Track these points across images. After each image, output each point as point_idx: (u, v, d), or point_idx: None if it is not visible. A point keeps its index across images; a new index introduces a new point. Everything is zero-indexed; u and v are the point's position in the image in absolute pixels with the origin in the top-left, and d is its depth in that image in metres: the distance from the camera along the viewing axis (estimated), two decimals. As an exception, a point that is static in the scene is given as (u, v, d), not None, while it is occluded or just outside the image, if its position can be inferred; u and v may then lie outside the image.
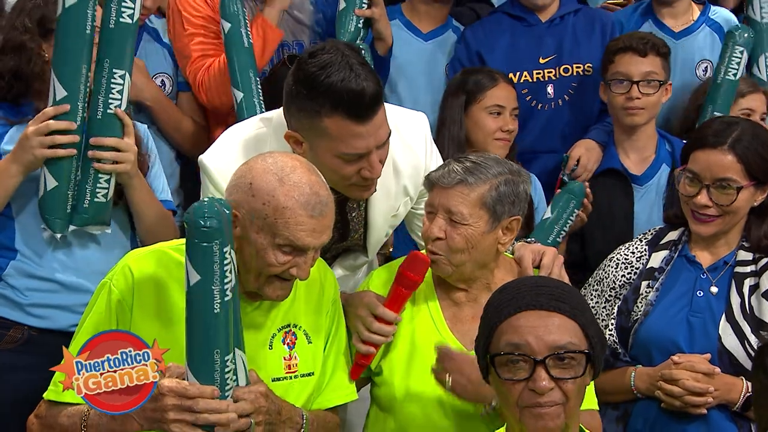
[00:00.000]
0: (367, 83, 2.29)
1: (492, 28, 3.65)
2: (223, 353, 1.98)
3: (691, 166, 2.63)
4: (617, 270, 2.73)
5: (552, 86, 3.57)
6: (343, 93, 2.28)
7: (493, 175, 2.40)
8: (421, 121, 2.67)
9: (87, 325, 2.20)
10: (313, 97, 2.30)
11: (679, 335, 2.60)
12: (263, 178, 2.14)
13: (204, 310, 1.95)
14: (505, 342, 1.89)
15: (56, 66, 2.63)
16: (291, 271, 2.16)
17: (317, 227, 2.14)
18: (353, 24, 3.41)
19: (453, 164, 2.42)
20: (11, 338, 2.77)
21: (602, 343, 1.96)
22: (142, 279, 2.20)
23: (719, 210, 2.60)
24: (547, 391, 1.85)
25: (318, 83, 2.29)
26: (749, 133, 2.63)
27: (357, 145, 2.33)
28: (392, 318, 2.41)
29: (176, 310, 2.18)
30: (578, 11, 3.67)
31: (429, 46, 3.70)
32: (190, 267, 1.95)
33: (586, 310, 1.96)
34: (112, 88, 2.64)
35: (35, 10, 2.79)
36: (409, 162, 2.59)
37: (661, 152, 3.35)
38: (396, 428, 2.45)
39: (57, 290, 2.78)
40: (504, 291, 1.99)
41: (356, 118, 2.30)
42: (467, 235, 2.38)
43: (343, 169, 2.37)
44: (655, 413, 2.59)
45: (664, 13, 3.69)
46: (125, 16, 2.62)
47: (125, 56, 2.65)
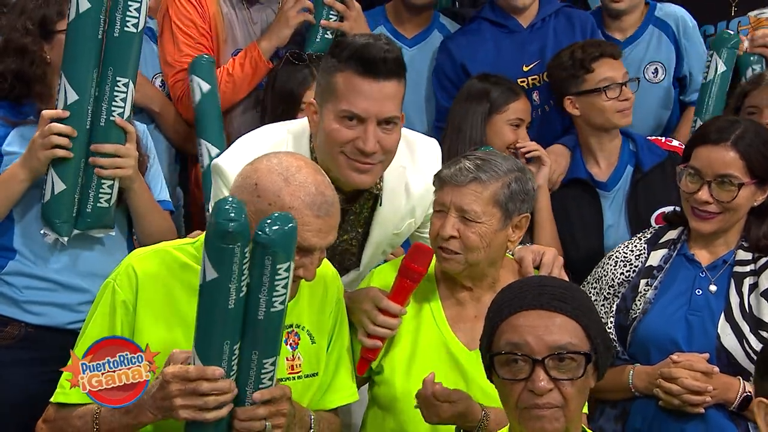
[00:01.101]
0: (388, 48, 2.42)
1: (473, 38, 3.63)
2: (232, 344, 2.00)
3: (693, 162, 2.64)
4: (616, 268, 2.74)
5: (537, 92, 3.57)
6: (362, 48, 2.41)
7: (504, 172, 2.41)
8: (435, 148, 2.72)
9: (92, 327, 2.22)
10: (336, 54, 2.44)
11: (678, 334, 2.60)
12: (268, 179, 2.14)
13: (218, 305, 1.97)
14: (505, 341, 1.88)
15: (67, 70, 2.65)
16: (297, 272, 2.14)
17: (323, 227, 2.14)
18: (320, 35, 3.39)
19: (463, 161, 2.42)
20: (8, 335, 2.78)
21: (607, 345, 1.94)
22: (146, 279, 2.21)
23: (720, 207, 2.61)
24: (546, 392, 1.84)
25: (345, 42, 2.47)
26: (752, 132, 2.65)
27: (359, 104, 2.40)
28: (397, 310, 2.41)
29: (179, 309, 2.20)
30: (558, 12, 3.65)
31: (414, 52, 3.66)
32: (207, 263, 1.95)
33: (591, 311, 1.95)
34: (116, 95, 2.66)
35: (36, 11, 2.78)
36: (421, 185, 2.62)
37: (625, 154, 3.37)
38: (395, 428, 2.45)
39: (55, 289, 2.79)
40: (507, 290, 1.98)
41: (365, 74, 2.39)
42: (481, 233, 2.39)
43: (339, 133, 2.42)
44: (654, 412, 2.59)
45: (611, 28, 3.69)
46: (130, 26, 2.63)
47: (129, 64, 2.67)
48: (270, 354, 2.03)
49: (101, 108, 2.66)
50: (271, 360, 2.04)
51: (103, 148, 2.67)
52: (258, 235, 1.94)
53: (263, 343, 2.02)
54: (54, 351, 2.56)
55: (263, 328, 2.00)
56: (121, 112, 2.67)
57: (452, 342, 2.45)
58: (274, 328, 2.02)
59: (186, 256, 2.25)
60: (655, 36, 3.69)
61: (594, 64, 3.32)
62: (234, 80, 3.37)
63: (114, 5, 2.62)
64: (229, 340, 1.99)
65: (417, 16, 3.70)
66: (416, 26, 3.71)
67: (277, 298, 1.98)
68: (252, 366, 2.03)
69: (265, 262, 1.95)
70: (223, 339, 1.99)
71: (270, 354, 2.03)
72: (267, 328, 2.01)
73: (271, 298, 1.98)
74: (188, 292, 2.18)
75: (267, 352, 2.03)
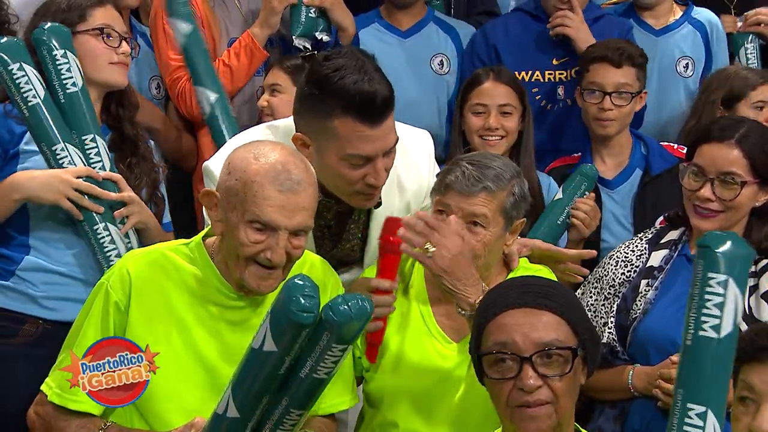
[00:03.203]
0: (380, 87, 2.32)
1: (511, 26, 3.70)
2: (270, 396, 2.00)
3: (697, 159, 2.64)
4: (617, 268, 2.74)
5: (562, 87, 3.60)
6: (356, 94, 2.30)
7: (508, 179, 2.43)
8: (426, 140, 2.70)
9: (87, 328, 2.24)
10: (325, 99, 2.33)
11: (678, 335, 2.54)
12: (240, 156, 2.17)
13: (268, 372, 1.96)
14: (493, 341, 1.90)
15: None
16: (265, 254, 2.14)
17: (287, 204, 2.12)
18: (304, 15, 3.42)
19: (467, 166, 2.41)
20: (26, 332, 2.82)
21: (594, 340, 1.96)
22: (139, 280, 2.23)
23: (722, 205, 2.61)
24: (535, 390, 1.86)
25: (331, 84, 2.31)
26: (757, 131, 2.65)
27: (365, 148, 2.35)
28: (388, 286, 2.40)
29: (173, 311, 2.23)
30: (598, 19, 3.69)
31: (410, 44, 3.71)
32: (268, 335, 1.91)
33: (577, 307, 1.97)
34: (89, 153, 2.76)
35: (58, 13, 2.85)
36: (414, 180, 2.62)
37: (635, 157, 3.37)
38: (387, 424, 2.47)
39: (70, 284, 2.83)
40: (493, 291, 2.01)
41: (366, 121, 2.32)
42: (486, 241, 2.40)
43: (348, 174, 2.38)
44: (652, 412, 2.60)
45: (645, 15, 3.70)
46: (70, 86, 2.74)
47: (85, 120, 2.76)
48: (300, 406, 2.02)
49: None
50: (298, 411, 2.03)
51: (109, 196, 2.74)
52: (326, 312, 1.89)
53: (297, 394, 2.01)
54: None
55: (301, 384, 1.99)
56: (101, 166, 2.77)
57: (441, 339, 2.47)
58: (312, 389, 2.01)
59: (180, 257, 2.26)
60: (690, 33, 3.75)
61: (591, 66, 3.33)
62: (231, 70, 3.43)
63: (49, 76, 2.72)
64: (268, 394, 2.00)
65: (409, 11, 3.73)
66: (411, 18, 3.75)
67: (323, 369, 1.96)
68: (278, 408, 2.02)
69: (323, 336, 1.92)
70: (264, 394, 1.99)
71: (300, 406, 2.02)
72: (305, 385, 1.99)
73: (317, 365, 1.95)
74: (182, 293, 2.21)
75: (297, 403, 2.02)
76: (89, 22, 2.86)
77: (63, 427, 2.23)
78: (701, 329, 1.83)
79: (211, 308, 2.26)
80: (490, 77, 3.32)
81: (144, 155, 2.93)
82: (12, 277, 2.82)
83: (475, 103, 3.31)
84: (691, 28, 3.76)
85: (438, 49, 3.75)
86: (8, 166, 2.80)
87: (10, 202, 2.75)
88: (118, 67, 2.89)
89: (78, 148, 2.74)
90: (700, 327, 1.84)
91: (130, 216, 2.79)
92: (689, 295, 1.86)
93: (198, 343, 2.24)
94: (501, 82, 3.31)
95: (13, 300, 2.82)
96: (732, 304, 1.85)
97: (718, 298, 1.83)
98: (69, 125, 2.74)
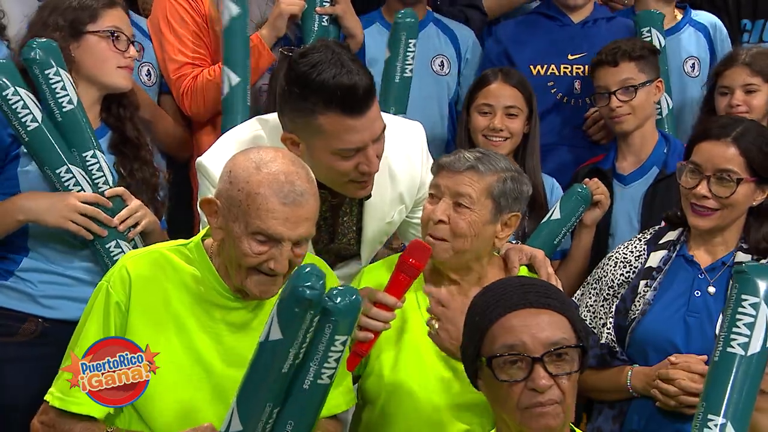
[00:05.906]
0: (359, 77, 2.32)
1: (523, 27, 3.76)
2: (273, 407, 2.00)
3: (694, 157, 2.66)
4: (616, 268, 2.75)
5: (579, 81, 3.64)
6: (336, 89, 2.30)
7: (501, 168, 2.46)
8: (418, 131, 2.71)
9: (88, 329, 2.24)
10: (307, 96, 2.33)
11: (676, 335, 2.61)
12: (242, 166, 2.16)
13: (273, 367, 1.95)
14: (501, 344, 1.90)
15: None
16: (269, 264, 2.15)
17: (291, 217, 2.12)
18: (316, 23, 3.41)
19: (464, 152, 2.48)
20: (26, 331, 2.82)
21: (588, 337, 1.98)
22: (139, 280, 2.23)
23: (718, 203, 2.62)
24: (547, 389, 1.86)
25: (310, 81, 2.32)
26: (754, 130, 2.67)
27: (353, 140, 2.36)
28: (392, 303, 2.40)
29: (173, 310, 2.23)
30: (611, 19, 3.74)
31: None
32: (275, 323, 1.92)
33: (572, 305, 1.99)
34: (91, 170, 2.76)
35: (69, 11, 2.83)
36: (406, 170, 2.62)
37: (655, 155, 3.38)
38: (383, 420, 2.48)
39: (70, 284, 2.83)
40: (488, 293, 2.00)
41: (350, 113, 2.33)
42: (471, 221, 2.42)
43: (341, 166, 2.40)
44: (651, 412, 2.60)
45: None
46: (66, 104, 2.72)
47: (84, 136, 2.75)
48: (304, 429, 2.02)
49: (89, 187, 2.75)
50: (277, 411, 2.02)
51: (112, 222, 2.75)
52: (325, 301, 1.91)
53: (300, 414, 2.01)
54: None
55: (305, 400, 1.99)
56: (105, 180, 2.77)
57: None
58: (315, 403, 2.01)
59: (179, 258, 2.27)
60: (693, 34, 3.77)
61: (594, 72, 3.40)
62: None
63: (44, 96, 2.70)
64: (272, 402, 1.99)
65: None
66: None
67: (326, 371, 1.97)
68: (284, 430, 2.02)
69: (325, 330, 1.93)
70: (267, 400, 1.98)
71: (304, 429, 2.02)
72: (309, 401, 2.00)
73: (321, 368, 1.96)
74: (181, 294, 2.21)
75: (302, 426, 2.02)
76: (99, 24, 2.84)
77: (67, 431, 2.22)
78: (730, 346, 1.90)
79: (210, 310, 2.26)
80: (498, 78, 3.35)
81: (145, 159, 2.92)
82: (11, 277, 2.83)
83: (481, 103, 3.34)
84: (693, 30, 3.78)
85: (438, 50, 3.76)
86: (9, 166, 2.81)
87: (14, 222, 2.75)
88: (125, 71, 2.88)
89: (80, 168, 2.74)
90: (728, 344, 1.91)
91: (138, 223, 2.79)
92: (722, 312, 1.93)
93: (197, 344, 2.24)
94: (508, 84, 3.34)
95: (13, 299, 2.83)
96: (762, 325, 1.93)
97: (750, 318, 1.91)
98: (68, 144, 2.74)
